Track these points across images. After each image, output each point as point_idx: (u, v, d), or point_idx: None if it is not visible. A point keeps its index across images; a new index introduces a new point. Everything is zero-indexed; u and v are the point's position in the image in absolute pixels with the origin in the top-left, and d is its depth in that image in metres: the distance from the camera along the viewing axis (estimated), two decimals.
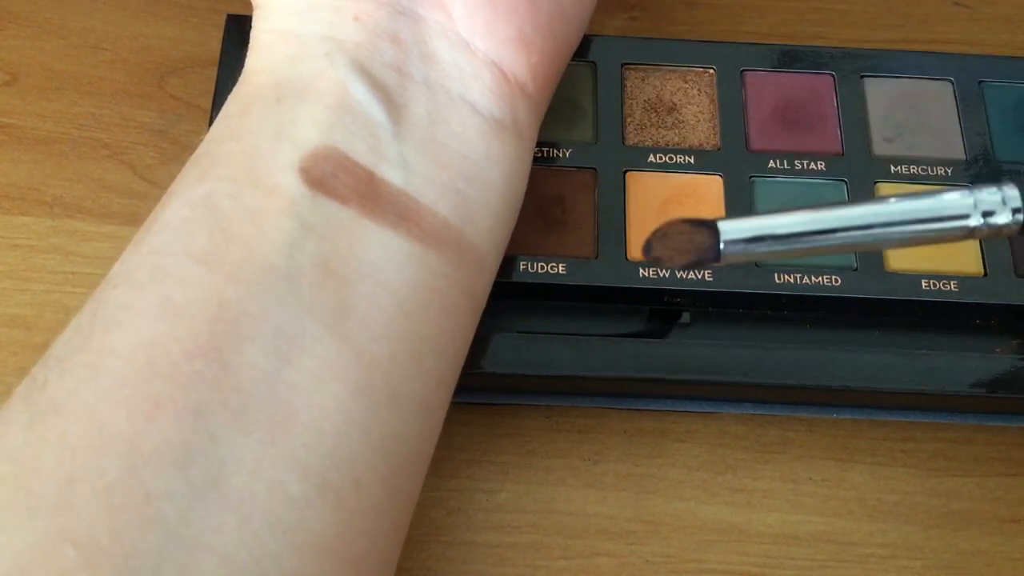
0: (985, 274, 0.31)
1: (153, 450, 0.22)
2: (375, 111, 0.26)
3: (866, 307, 0.31)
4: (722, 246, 0.23)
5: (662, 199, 0.32)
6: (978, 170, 0.32)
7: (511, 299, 0.31)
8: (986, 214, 0.23)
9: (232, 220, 0.24)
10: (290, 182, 0.25)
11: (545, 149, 0.32)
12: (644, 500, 0.30)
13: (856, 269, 0.31)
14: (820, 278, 0.31)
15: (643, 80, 0.34)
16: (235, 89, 0.28)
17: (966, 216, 0.23)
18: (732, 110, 0.33)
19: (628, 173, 0.32)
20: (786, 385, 0.30)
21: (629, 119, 0.33)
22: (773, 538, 0.30)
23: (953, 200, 0.24)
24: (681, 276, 0.30)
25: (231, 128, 0.27)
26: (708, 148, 0.33)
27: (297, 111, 0.26)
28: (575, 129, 0.33)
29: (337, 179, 0.25)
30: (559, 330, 0.30)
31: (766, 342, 0.30)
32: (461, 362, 0.28)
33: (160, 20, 0.38)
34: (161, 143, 0.35)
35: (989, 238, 0.24)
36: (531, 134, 0.29)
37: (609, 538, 0.30)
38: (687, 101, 0.34)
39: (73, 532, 0.21)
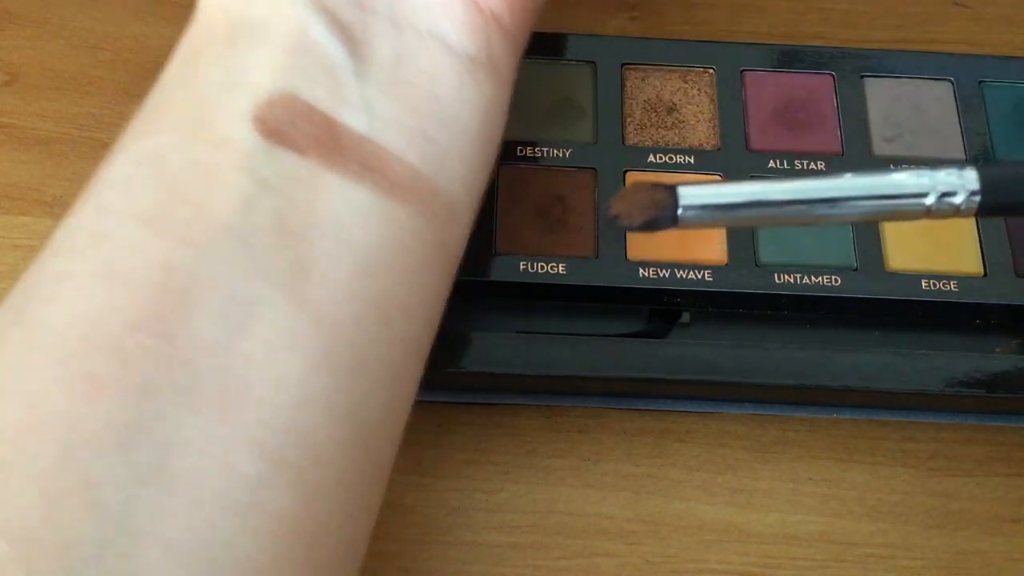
0: (985, 274, 0.31)
1: (93, 432, 0.20)
2: (335, 51, 0.24)
3: (866, 307, 0.31)
4: (680, 210, 0.23)
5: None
6: None
7: (511, 299, 0.31)
8: (945, 195, 0.24)
9: (180, 177, 0.22)
10: (243, 133, 0.23)
11: (545, 149, 0.32)
12: (644, 500, 0.30)
13: (856, 269, 0.31)
14: (820, 278, 0.31)
15: (643, 80, 0.34)
16: (187, 31, 0.26)
17: (924, 195, 0.24)
18: (732, 110, 0.33)
19: (628, 173, 0.32)
20: (786, 385, 0.30)
21: (629, 119, 0.33)
22: (773, 538, 0.30)
23: (912, 179, 0.24)
24: (681, 276, 0.30)
25: (181, 75, 0.25)
26: (708, 148, 0.33)
27: (250, 55, 0.24)
28: (575, 129, 0.33)
29: (295, 128, 0.23)
30: (559, 330, 0.30)
31: (766, 342, 0.30)
32: (436, 322, 0.26)
33: (160, 20, 0.38)
34: None
35: (947, 218, 0.24)
36: (509, 72, 0.27)
37: (609, 538, 0.30)
38: (687, 101, 0.34)
39: (4, 523, 0.19)
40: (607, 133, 0.33)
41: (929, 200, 0.24)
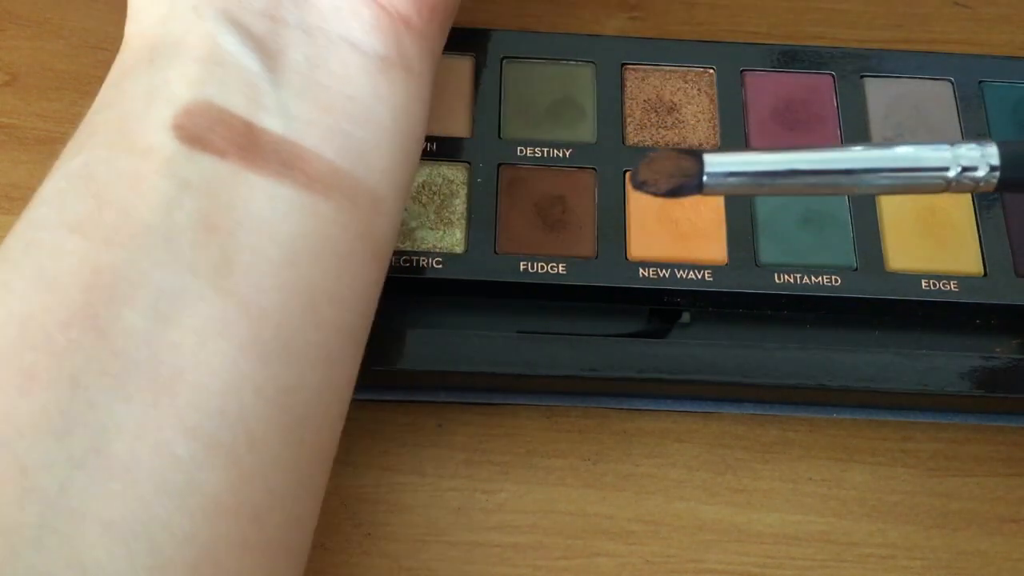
0: (985, 274, 0.31)
1: (28, 422, 0.21)
2: (248, 61, 0.26)
3: (866, 307, 0.31)
4: (705, 177, 0.24)
5: (662, 199, 0.32)
6: None
7: (511, 299, 0.31)
8: (965, 169, 0.24)
9: (106, 186, 0.24)
10: (164, 141, 0.24)
11: (545, 149, 0.32)
12: (644, 500, 0.30)
13: (856, 269, 0.31)
14: (820, 278, 0.31)
15: (643, 80, 0.34)
16: (116, 59, 0.27)
17: (945, 169, 0.24)
18: (732, 110, 0.33)
19: (628, 173, 0.32)
20: (786, 385, 0.30)
21: (629, 119, 0.33)
22: (773, 538, 0.30)
23: (935, 152, 0.24)
24: (681, 276, 0.30)
25: (108, 96, 0.26)
26: (708, 148, 0.33)
27: (168, 70, 0.25)
28: (575, 129, 0.33)
29: (214, 132, 0.25)
30: (559, 330, 0.30)
31: (766, 342, 0.30)
32: (369, 309, 0.27)
33: None
34: None
35: (966, 192, 0.25)
36: (423, 68, 0.28)
37: (609, 538, 0.30)
38: (687, 101, 0.34)
39: None
40: (607, 133, 0.33)
41: (950, 174, 0.24)
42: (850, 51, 0.34)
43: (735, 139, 0.33)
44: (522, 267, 0.31)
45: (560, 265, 0.31)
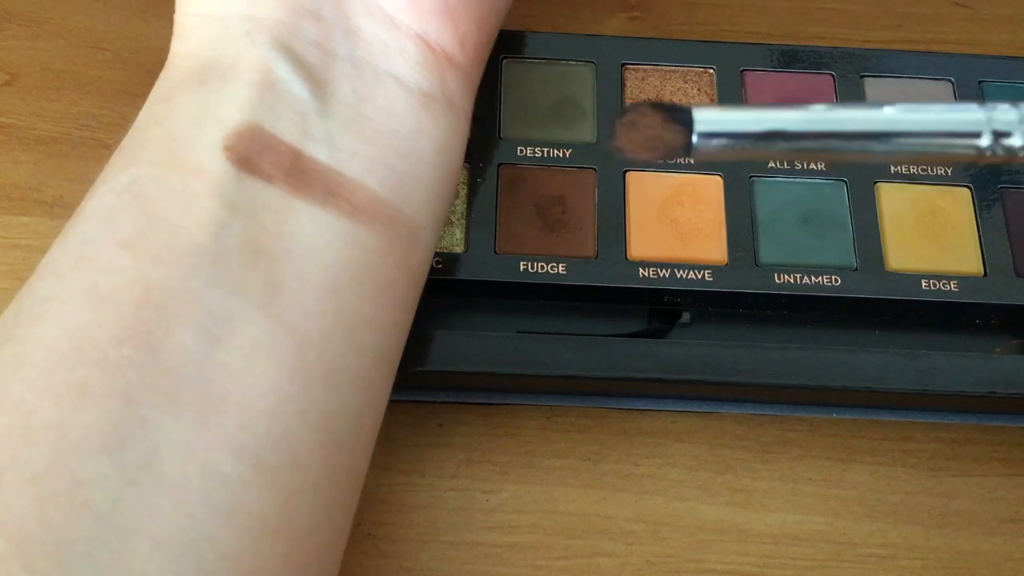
0: (985, 274, 0.31)
1: (81, 436, 0.21)
2: (299, 89, 0.26)
3: (866, 307, 0.31)
4: (694, 144, 0.21)
5: (662, 199, 0.32)
6: (978, 170, 0.32)
7: (511, 299, 0.31)
8: (998, 135, 0.21)
9: (157, 204, 0.24)
10: (215, 162, 0.25)
11: (545, 149, 0.32)
12: (644, 500, 0.30)
13: (856, 269, 0.31)
14: (820, 278, 0.31)
15: (643, 80, 0.34)
16: (160, 75, 0.28)
17: (976, 135, 0.21)
18: None
19: (628, 173, 0.32)
20: (786, 385, 0.30)
21: None
22: (773, 538, 0.30)
23: (964, 115, 0.21)
24: (681, 276, 0.30)
25: (155, 113, 0.26)
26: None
27: (220, 92, 0.26)
28: (575, 129, 0.33)
29: (262, 158, 0.25)
30: (559, 330, 0.30)
31: (766, 342, 0.30)
32: (403, 336, 0.27)
33: (160, 20, 0.38)
34: None
35: (1000, 163, 0.21)
36: (464, 104, 0.29)
37: (609, 538, 0.30)
38: (687, 101, 0.34)
39: (3, 523, 0.20)
40: (607, 133, 0.33)
41: (984, 141, 0.21)
42: (850, 51, 0.34)
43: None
44: (522, 267, 0.31)
45: (560, 265, 0.31)
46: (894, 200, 0.32)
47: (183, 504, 0.22)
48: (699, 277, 0.30)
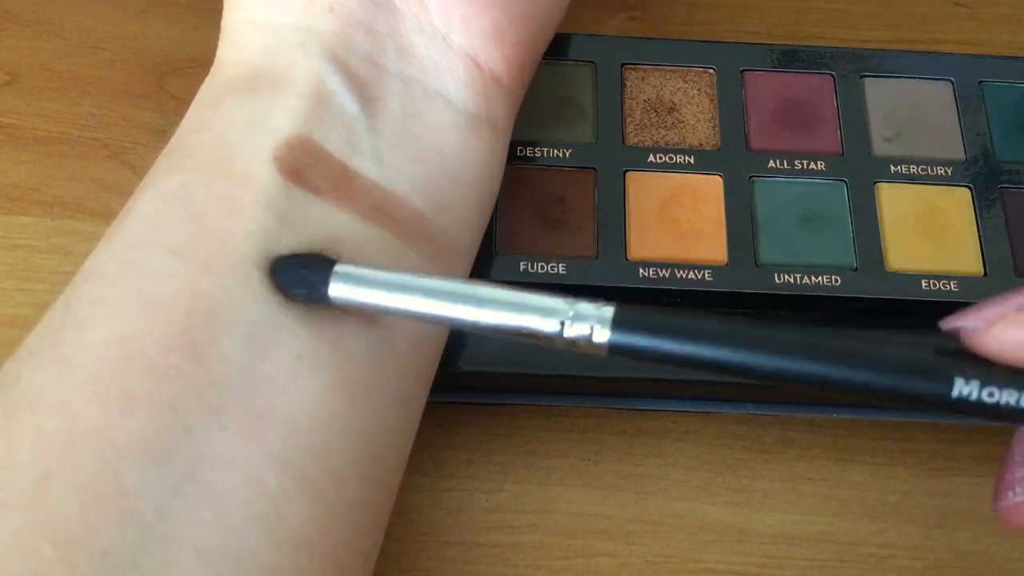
0: (985, 274, 0.31)
1: (128, 444, 0.21)
2: (349, 103, 0.26)
3: (866, 307, 0.31)
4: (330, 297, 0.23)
5: (662, 199, 0.32)
6: (978, 170, 0.32)
7: None
8: (576, 318, 0.23)
9: (205, 211, 0.24)
10: (263, 171, 0.25)
11: (545, 149, 0.32)
12: (644, 500, 0.30)
13: (856, 269, 0.31)
14: (820, 278, 0.31)
15: (643, 80, 0.34)
16: (207, 80, 0.27)
17: (556, 319, 0.23)
18: (732, 110, 0.33)
19: (628, 173, 0.32)
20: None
21: (629, 119, 0.33)
22: (773, 538, 0.30)
23: (551, 302, 0.23)
24: (681, 276, 0.30)
25: (204, 119, 0.26)
26: (708, 148, 0.33)
27: (271, 101, 0.26)
28: (575, 129, 0.33)
29: (312, 170, 0.25)
30: None
31: None
32: (437, 356, 0.28)
33: (160, 20, 0.38)
34: (161, 143, 0.35)
35: (573, 351, 0.23)
36: (506, 126, 0.29)
37: (609, 538, 0.30)
38: (687, 101, 0.34)
39: (49, 528, 0.20)
40: (607, 133, 0.33)
41: (554, 328, 0.23)
42: (850, 51, 0.34)
43: (735, 139, 0.33)
44: (522, 267, 0.30)
45: (560, 265, 0.31)
46: (894, 200, 0.32)
47: (226, 515, 0.22)
48: (699, 277, 0.30)
